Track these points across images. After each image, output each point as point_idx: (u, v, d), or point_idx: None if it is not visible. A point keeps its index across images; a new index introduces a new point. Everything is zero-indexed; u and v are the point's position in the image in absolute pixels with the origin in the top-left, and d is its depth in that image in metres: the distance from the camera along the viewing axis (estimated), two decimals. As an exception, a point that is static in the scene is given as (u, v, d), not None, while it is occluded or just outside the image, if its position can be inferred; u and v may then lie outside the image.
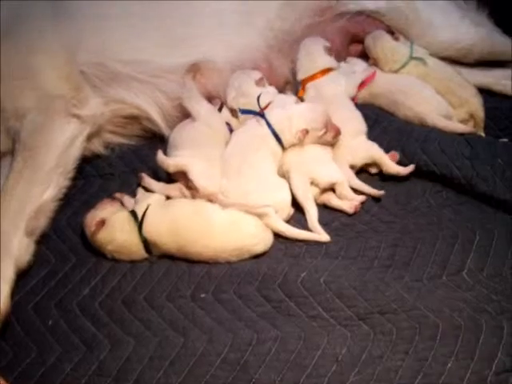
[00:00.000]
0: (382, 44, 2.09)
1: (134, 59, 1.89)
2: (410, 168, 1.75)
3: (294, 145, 1.74)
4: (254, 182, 1.63)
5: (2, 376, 1.32)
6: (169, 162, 1.68)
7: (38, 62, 1.79)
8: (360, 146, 1.80)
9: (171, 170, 1.68)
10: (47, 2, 1.86)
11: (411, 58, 2.07)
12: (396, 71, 2.07)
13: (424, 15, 2.15)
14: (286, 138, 1.73)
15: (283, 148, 1.73)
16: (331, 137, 1.75)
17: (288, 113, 1.75)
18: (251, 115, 1.80)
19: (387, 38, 2.10)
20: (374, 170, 1.81)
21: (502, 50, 2.19)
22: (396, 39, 2.10)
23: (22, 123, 1.72)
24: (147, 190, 1.71)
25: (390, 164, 1.76)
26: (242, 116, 1.86)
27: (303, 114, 1.75)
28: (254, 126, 1.75)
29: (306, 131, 1.71)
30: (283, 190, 1.66)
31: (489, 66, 2.21)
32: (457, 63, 2.17)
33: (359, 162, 1.79)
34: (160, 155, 1.69)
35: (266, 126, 1.73)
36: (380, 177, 1.80)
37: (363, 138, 1.83)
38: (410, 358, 1.30)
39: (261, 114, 1.76)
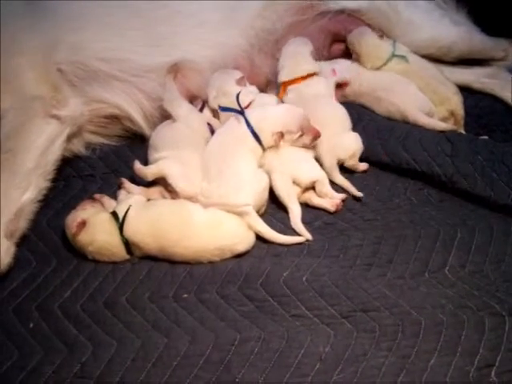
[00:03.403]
0: (366, 40, 2.10)
1: (114, 58, 1.88)
2: (365, 166, 1.80)
3: (273, 146, 1.73)
4: (234, 181, 1.62)
5: (-17, 380, 1.31)
6: (146, 171, 1.67)
7: (16, 63, 1.77)
8: (344, 142, 1.80)
9: (149, 178, 1.67)
10: (23, 2, 1.84)
11: (394, 55, 2.08)
12: (378, 68, 2.08)
13: (404, 14, 2.17)
14: (266, 138, 1.72)
15: (263, 148, 1.72)
16: (309, 140, 1.73)
17: (265, 114, 1.74)
18: (231, 113, 1.79)
19: (372, 34, 2.11)
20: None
21: (481, 48, 2.22)
22: (380, 37, 2.11)
23: (1, 125, 1.70)
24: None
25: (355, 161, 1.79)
26: (222, 114, 1.85)
27: (279, 116, 1.74)
28: (234, 124, 1.74)
29: (282, 134, 1.70)
30: (262, 180, 1.65)
31: (469, 64, 2.23)
32: (437, 61, 2.18)
33: (345, 156, 1.79)
34: (137, 165, 1.68)
35: (244, 125, 1.72)
36: (362, 174, 1.80)
37: (347, 133, 1.84)
38: (393, 356, 1.30)
39: (241, 112, 1.75)
